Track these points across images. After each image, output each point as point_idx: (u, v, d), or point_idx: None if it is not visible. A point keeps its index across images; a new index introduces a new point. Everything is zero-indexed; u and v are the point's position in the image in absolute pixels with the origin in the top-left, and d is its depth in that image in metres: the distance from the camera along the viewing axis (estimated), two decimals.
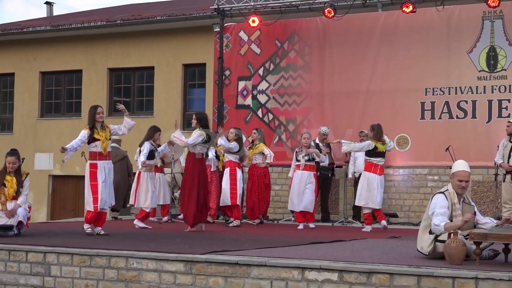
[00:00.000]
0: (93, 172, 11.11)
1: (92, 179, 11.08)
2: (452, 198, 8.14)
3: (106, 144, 11.21)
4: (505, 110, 15.35)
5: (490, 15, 15.59)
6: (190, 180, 12.44)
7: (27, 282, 9.06)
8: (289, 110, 17.26)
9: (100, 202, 11.01)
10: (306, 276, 7.58)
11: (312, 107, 17.00)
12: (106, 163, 11.29)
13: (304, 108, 17.06)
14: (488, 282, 6.87)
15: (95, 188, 11.02)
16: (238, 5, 17.18)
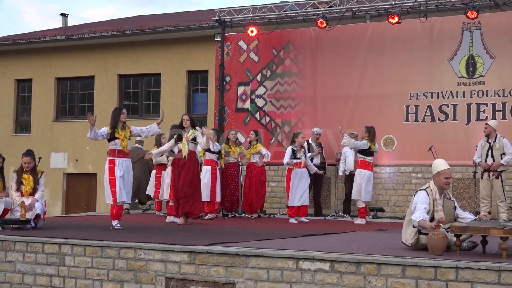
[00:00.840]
0: (111, 167, 11.05)
1: (110, 173, 11.02)
2: (434, 194, 8.17)
3: (126, 143, 11.15)
4: (482, 113, 15.38)
5: (469, 26, 15.61)
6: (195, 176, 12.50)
7: (43, 272, 9.06)
8: (285, 113, 17.27)
9: (118, 194, 10.95)
10: (300, 266, 7.58)
11: (306, 110, 17.02)
12: (125, 160, 11.21)
13: (298, 111, 17.08)
14: (467, 271, 6.87)
15: (113, 182, 10.97)
16: (238, 16, 17.23)
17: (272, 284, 7.71)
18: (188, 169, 12.39)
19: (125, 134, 11.19)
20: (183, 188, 12.26)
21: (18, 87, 24.03)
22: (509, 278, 6.71)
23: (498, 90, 15.36)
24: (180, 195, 12.29)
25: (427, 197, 8.13)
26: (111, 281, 8.63)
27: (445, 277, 6.95)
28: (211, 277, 8.05)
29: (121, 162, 11.10)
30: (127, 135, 11.22)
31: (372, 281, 7.24)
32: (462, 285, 6.88)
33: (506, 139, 13.33)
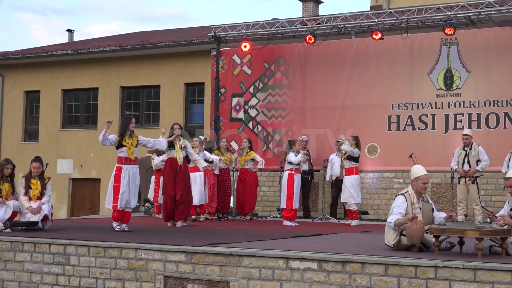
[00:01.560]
0: (117, 174, 10.94)
1: (116, 180, 10.91)
2: (412, 198, 8.22)
3: (132, 150, 11.03)
4: (459, 123, 15.42)
5: (447, 42, 15.67)
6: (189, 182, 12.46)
7: (50, 271, 9.03)
8: (276, 123, 17.29)
9: (120, 202, 10.84)
10: (290, 265, 7.58)
11: (295, 120, 17.03)
12: (131, 167, 11.08)
13: (288, 120, 17.10)
14: (445, 269, 6.88)
15: (117, 189, 10.86)
16: (232, 32, 17.26)
17: (264, 282, 7.70)
18: (183, 176, 12.36)
19: (132, 142, 11.11)
20: (183, 194, 12.23)
21: (27, 98, 24.01)
22: (484, 276, 6.73)
23: (474, 101, 15.41)
24: (181, 201, 12.25)
25: (404, 202, 8.17)
26: (113, 280, 8.61)
27: (425, 276, 6.95)
28: (207, 275, 8.04)
29: (127, 169, 11.00)
30: (134, 143, 11.13)
31: (357, 279, 7.25)
32: (440, 283, 6.89)
33: (481, 146, 13.39)
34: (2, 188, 10.75)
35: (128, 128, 11.04)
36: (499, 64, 15.28)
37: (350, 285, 7.27)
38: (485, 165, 13.23)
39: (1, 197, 10.71)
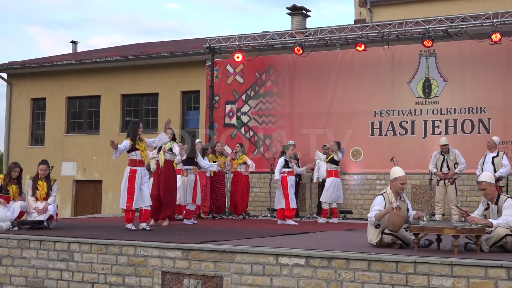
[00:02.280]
0: (132, 176, 10.76)
1: (130, 182, 10.73)
2: (390, 198, 8.26)
3: (145, 153, 11.00)
4: (437, 129, 15.50)
5: (426, 53, 15.74)
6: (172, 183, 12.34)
7: (55, 266, 9.00)
8: (266, 128, 17.31)
9: (135, 202, 10.73)
10: (280, 261, 7.57)
11: (284, 126, 17.06)
12: (143, 169, 10.99)
13: (278, 126, 17.13)
14: (424, 265, 6.89)
15: (131, 190, 10.71)
16: (226, 44, 17.29)
17: (255, 277, 7.69)
18: (166, 177, 12.19)
19: (143, 146, 11.11)
20: (165, 194, 12.07)
21: (33, 105, 23.94)
22: (460, 271, 6.74)
23: (450, 108, 15.47)
24: (164, 200, 12.07)
25: (383, 201, 8.20)
26: (114, 275, 8.58)
27: (405, 271, 6.96)
28: (202, 271, 8.03)
29: (140, 171, 10.89)
30: (144, 146, 11.11)
31: (342, 274, 7.25)
32: (419, 277, 6.90)
33: (458, 150, 13.46)
34: (10, 190, 10.73)
35: (137, 132, 10.99)
36: (474, 74, 15.37)
37: (335, 280, 7.28)
38: (462, 167, 13.31)
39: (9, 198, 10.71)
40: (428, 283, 6.86)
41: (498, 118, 15.05)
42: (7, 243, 9.40)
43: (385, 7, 22.54)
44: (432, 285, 6.84)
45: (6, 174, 10.90)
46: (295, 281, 7.47)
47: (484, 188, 7.87)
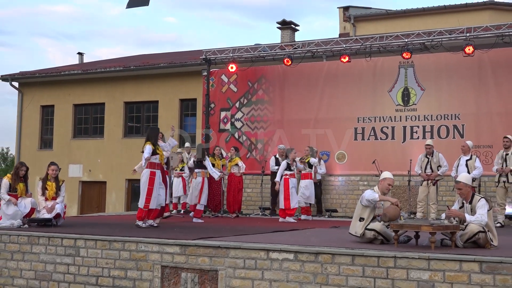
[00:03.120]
0: (152, 178, 10.73)
1: (150, 183, 10.70)
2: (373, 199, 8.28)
3: (163, 157, 11.01)
4: (415, 134, 15.52)
5: (405, 64, 15.77)
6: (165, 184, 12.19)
7: (62, 261, 8.97)
8: (258, 133, 17.29)
9: (152, 202, 10.71)
10: (270, 256, 7.58)
11: (275, 131, 17.04)
12: (160, 171, 11.00)
13: (269, 131, 17.11)
14: (403, 259, 6.91)
15: (150, 191, 10.69)
16: (220, 56, 17.28)
17: (247, 271, 7.69)
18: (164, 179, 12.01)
19: (161, 150, 11.11)
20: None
21: (42, 111, 23.88)
22: (437, 265, 6.76)
23: (428, 115, 15.50)
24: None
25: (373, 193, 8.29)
26: (117, 269, 8.57)
27: (386, 265, 6.98)
28: (198, 265, 8.02)
29: (159, 174, 10.89)
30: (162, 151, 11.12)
31: (328, 268, 7.25)
32: (399, 271, 6.91)
33: (441, 154, 13.50)
34: (18, 187, 10.75)
35: (158, 138, 10.94)
36: (449, 84, 15.41)
37: (322, 273, 7.28)
38: (445, 169, 13.35)
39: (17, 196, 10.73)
40: (407, 276, 6.87)
41: (471, 124, 15.10)
42: (18, 239, 9.38)
43: (368, 22, 22.63)
44: (411, 278, 6.86)
45: (14, 173, 10.91)
46: (284, 274, 7.47)
47: (461, 188, 7.91)
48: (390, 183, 8.40)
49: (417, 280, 6.82)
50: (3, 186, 10.75)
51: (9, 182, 10.76)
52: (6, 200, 10.62)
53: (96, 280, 8.69)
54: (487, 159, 14.34)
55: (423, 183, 13.48)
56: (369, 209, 8.25)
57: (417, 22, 20.90)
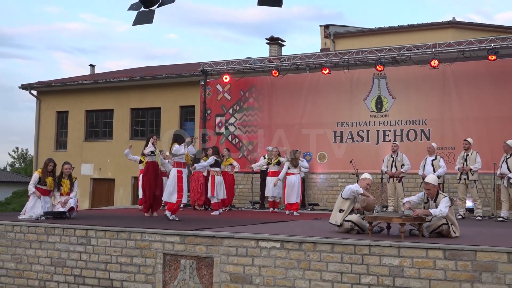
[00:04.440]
0: (180, 176, 10.66)
1: (179, 181, 10.63)
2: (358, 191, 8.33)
3: (189, 157, 10.92)
4: (387, 137, 15.58)
5: (378, 76, 15.83)
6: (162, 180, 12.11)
7: (75, 249, 8.94)
8: (249, 136, 17.29)
9: (183, 197, 10.75)
10: (260, 244, 7.58)
11: (264, 134, 17.05)
12: (186, 170, 10.98)
13: (258, 135, 17.10)
14: (377, 247, 6.93)
15: (181, 188, 10.63)
16: (216, 68, 17.30)
17: (239, 258, 7.69)
18: (161, 176, 12.01)
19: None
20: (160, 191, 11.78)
21: (58, 116, 23.75)
22: (406, 252, 6.79)
23: (398, 120, 15.57)
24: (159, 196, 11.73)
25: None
26: (124, 256, 8.54)
27: (361, 252, 6.99)
28: (196, 253, 8.01)
29: (185, 172, 10.85)
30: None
31: (310, 255, 7.26)
32: (373, 257, 6.93)
33: (404, 154, 13.55)
34: (47, 181, 10.71)
35: (186, 141, 10.88)
36: (417, 93, 15.48)
37: (305, 260, 7.29)
38: (407, 168, 13.38)
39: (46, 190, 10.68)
40: (380, 262, 6.89)
41: (436, 129, 15.17)
42: (36, 230, 9.35)
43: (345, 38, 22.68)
44: (383, 264, 6.88)
45: (43, 168, 10.85)
46: (272, 261, 7.47)
47: (429, 188, 7.95)
48: (369, 182, 8.49)
49: (388, 266, 6.84)
50: (32, 179, 10.77)
51: (38, 176, 10.72)
52: (31, 192, 10.61)
53: (105, 266, 8.66)
54: (450, 159, 14.41)
55: (390, 181, 13.52)
56: (349, 202, 8.29)
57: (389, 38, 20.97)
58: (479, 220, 12.09)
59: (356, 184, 8.49)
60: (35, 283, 9.20)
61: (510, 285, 6.34)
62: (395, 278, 6.79)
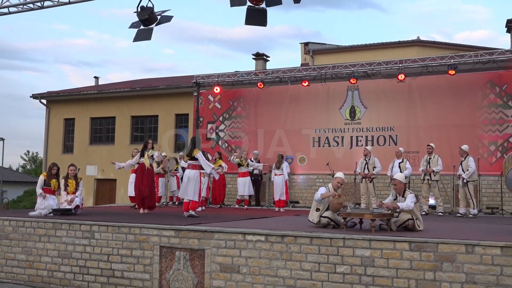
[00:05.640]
0: (200, 178, 10.66)
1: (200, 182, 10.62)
2: (330, 190, 8.32)
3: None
4: (360, 142, 15.64)
5: (351, 88, 15.90)
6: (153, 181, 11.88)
7: (80, 242, 8.85)
8: (237, 141, 17.25)
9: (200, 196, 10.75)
10: (246, 238, 7.56)
11: (250, 139, 17.02)
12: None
13: (245, 140, 17.08)
14: (350, 240, 6.95)
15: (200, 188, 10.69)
16: (208, 80, 17.26)
17: (228, 250, 7.66)
18: (149, 176, 11.63)
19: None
20: (146, 189, 11.49)
21: (65, 123, 23.56)
22: (376, 244, 6.81)
23: (369, 127, 15.64)
24: (146, 194, 11.50)
25: (325, 191, 8.31)
26: (124, 249, 8.48)
27: (337, 244, 7.01)
28: (189, 245, 7.97)
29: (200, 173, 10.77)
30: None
31: (291, 247, 7.26)
32: (347, 249, 6.94)
33: (376, 158, 13.61)
34: (51, 183, 10.63)
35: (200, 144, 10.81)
36: (386, 104, 15.57)
37: (286, 251, 7.28)
38: (378, 170, 13.45)
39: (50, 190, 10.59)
40: (353, 253, 6.91)
41: (402, 135, 15.26)
42: (44, 225, 9.25)
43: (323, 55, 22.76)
44: (356, 255, 6.89)
45: (48, 172, 10.79)
46: (257, 252, 7.46)
47: (396, 184, 8.00)
48: (340, 181, 8.46)
49: (360, 257, 6.86)
50: (39, 182, 10.71)
51: (44, 179, 10.66)
52: (39, 193, 10.56)
53: (107, 257, 8.59)
54: (415, 162, 14.51)
55: (363, 181, 13.57)
56: (323, 202, 8.30)
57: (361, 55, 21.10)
58: (440, 216, 12.18)
59: (324, 188, 8.39)
60: (43, 273, 9.10)
61: (468, 273, 6.39)
62: (367, 268, 6.81)
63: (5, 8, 11.02)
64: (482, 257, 6.34)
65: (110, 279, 8.51)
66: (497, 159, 13.96)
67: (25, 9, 11.02)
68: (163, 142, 20.27)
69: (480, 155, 13.95)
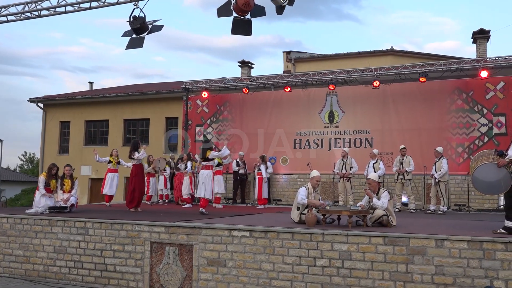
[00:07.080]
0: (212, 177, 10.68)
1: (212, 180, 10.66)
2: (310, 190, 8.30)
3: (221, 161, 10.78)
4: (338, 144, 15.70)
5: (330, 93, 15.97)
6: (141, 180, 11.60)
7: (74, 238, 8.74)
8: (224, 143, 17.16)
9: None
10: (232, 233, 7.54)
11: (236, 141, 16.99)
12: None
13: (231, 142, 17.03)
14: (329, 236, 6.96)
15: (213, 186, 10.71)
16: (196, 85, 17.21)
17: (215, 245, 7.63)
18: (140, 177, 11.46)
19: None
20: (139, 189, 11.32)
21: (61, 126, 23.28)
22: (353, 239, 6.83)
23: (347, 130, 15.71)
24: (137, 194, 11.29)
25: (305, 191, 8.28)
26: (117, 244, 8.39)
27: (316, 240, 7.02)
28: (178, 241, 7.92)
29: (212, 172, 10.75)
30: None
31: (274, 242, 7.26)
32: (326, 244, 6.95)
33: (353, 158, 13.66)
34: (51, 183, 10.48)
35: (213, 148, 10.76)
36: (362, 108, 15.66)
37: (270, 246, 7.28)
38: (355, 170, 13.48)
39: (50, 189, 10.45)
40: (331, 248, 6.93)
41: (377, 137, 15.36)
42: (41, 222, 9.12)
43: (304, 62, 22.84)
44: (334, 249, 6.91)
45: (48, 172, 10.63)
46: (242, 247, 7.44)
47: (370, 183, 8.04)
48: (318, 179, 8.43)
49: (338, 251, 6.88)
50: (41, 182, 10.54)
51: (44, 179, 10.50)
52: (42, 193, 10.36)
53: (101, 252, 8.50)
54: (389, 163, 14.61)
55: (340, 180, 13.61)
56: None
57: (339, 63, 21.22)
58: (412, 213, 12.28)
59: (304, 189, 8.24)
60: (40, 268, 8.97)
61: (437, 266, 6.45)
62: (344, 261, 6.83)
63: (4, 16, 10.87)
64: (451, 250, 6.40)
65: (103, 273, 8.42)
66: (464, 160, 14.14)
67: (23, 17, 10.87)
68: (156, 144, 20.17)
69: (449, 156, 14.10)
